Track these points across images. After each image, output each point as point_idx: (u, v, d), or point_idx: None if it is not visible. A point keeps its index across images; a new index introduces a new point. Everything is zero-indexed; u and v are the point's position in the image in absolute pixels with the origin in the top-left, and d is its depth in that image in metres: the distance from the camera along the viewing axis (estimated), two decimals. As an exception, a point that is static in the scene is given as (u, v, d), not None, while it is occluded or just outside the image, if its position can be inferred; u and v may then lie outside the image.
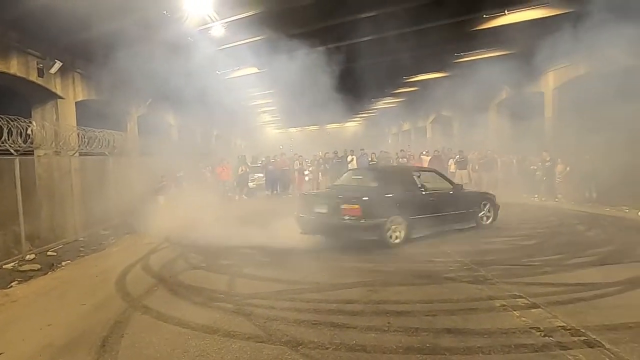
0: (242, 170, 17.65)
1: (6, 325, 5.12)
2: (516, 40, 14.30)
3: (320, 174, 18.72)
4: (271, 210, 14.19)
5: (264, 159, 19.57)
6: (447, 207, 8.87)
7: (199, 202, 15.95)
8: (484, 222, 9.53)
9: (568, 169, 13.99)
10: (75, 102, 12.97)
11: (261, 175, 18.76)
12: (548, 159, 14.30)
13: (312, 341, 4.14)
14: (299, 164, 18.90)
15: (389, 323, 4.48)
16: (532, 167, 15.16)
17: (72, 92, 12.78)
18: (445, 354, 3.79)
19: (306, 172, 19.22)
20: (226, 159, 18.19)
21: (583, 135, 14.21)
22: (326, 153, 19.44)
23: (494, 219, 9.67)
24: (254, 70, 17.21)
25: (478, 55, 16.78)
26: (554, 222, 10.20)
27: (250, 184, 19.25)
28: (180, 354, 4.06)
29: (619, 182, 12.25)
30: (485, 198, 9.91)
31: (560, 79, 16.55)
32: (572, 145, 14.72)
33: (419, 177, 9.06)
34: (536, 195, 14.32)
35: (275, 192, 18.34)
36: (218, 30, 12.58)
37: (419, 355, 3.78)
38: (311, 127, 42.44)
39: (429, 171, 10.18)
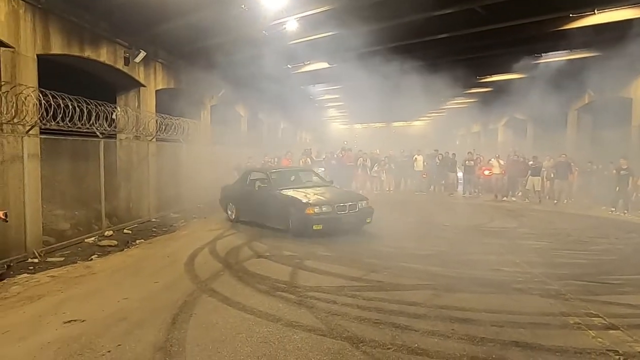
0: (303, 162, 17.83)
1: (88, 295, 5.52)
2: (604, 41, 13.39)
3: (384, 172, 18.55)
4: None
5: (328, 153, 19.66)
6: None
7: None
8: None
9: None
10: (155, 91, 13.66)
11: (322, 169, 18.89)
12: (625, 167, 13.23)
13: (374, 340, 4.12)
14: (363, 160, 18.80)
15: (452, 330, 4.37)
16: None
17: (153, 81, 13.46)
18: (512, 368, 3.64)
19: (375, 169, 18.99)
20: (291, 152, 18.47)
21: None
22: (390, 151, 19.21)
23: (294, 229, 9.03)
24: (324, 65, 17.30)
25: (561, 56, 15.86)
26: (635, 239, 9.45)
27: (315, 178, 19.43)
28: (244, 338, 4.19)
29: None
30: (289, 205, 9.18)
31: (654, 85, 15.30)
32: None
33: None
34: (613, 209, 13.33)
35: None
36: (292, 24, 12.75)
37: (484, 366, 3.66)
38: (377, 124, 42.18)
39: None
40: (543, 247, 8.28)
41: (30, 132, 7.87)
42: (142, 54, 12.01)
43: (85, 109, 8.59)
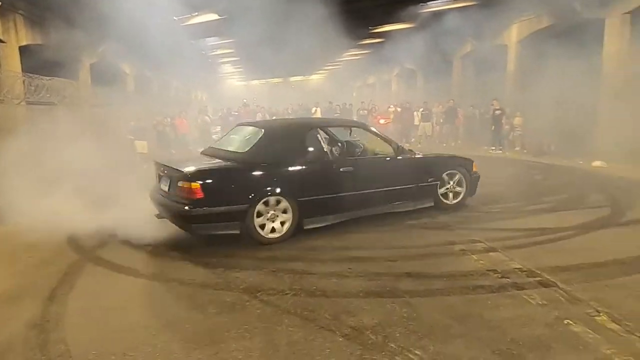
0: (200, 121, 17.11)
1: (-55, 278, 4.81)
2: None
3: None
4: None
5: (224, 110, 19.01)
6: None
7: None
8: (448, 201, 6.73)
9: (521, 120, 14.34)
10: (19, 47, 12.03)
11: (219, 128, 18.30)
12: (497, 107, 14.55)
13: (272, 288, 4.06)
14: (262, 115, 18.49)
15: (350, 269, 4.46)
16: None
17: (14, 36, 11.81)
18: (405, 297, 3.79)
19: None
20: (185, 111, 17.57)
21: (543, 90, 14.45)
22: (289, 104, 19.09)
23: (467, 194, 6.91)
24: (214, 17, 16.36)
25: (444, 5, 16.50)
26: (513, 172, 10.41)
27: (214, 136, 18.77)
28: (135, 303, 3.91)
29: (574, 136, 12.65)
30: (452, 165, 6.83)
31: (524, 32, 16.56)
32: (533, 100, 14.96)
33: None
34: (493, 148, 14.59)
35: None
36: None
37: (378, 299, 3.77)
38: (275, 80, 41.56)
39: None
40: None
41: None
42: (-5, 3, 10.41)
43: None
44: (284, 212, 5.42)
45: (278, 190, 5.34)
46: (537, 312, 3.46)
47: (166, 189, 5.50)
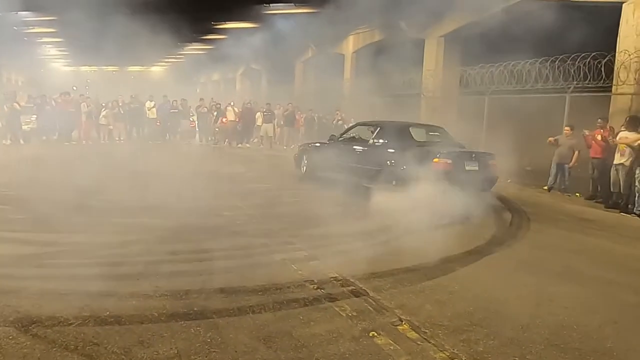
0: (8, 108, 14.57)
1: None
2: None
3: (113, 120, 16.70)
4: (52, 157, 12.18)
5: (39, 99, 16.49)
6: None
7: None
8: None
9: None
10: None
11: (34, 117, 15.85)
12: (339, 117, 15.31)
13: (53, 317, 3.34)
14: (87, 106, 16.48)
15: (157, 287, 3.95)
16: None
17: None
18: (213, 317, 3.44)
19: (103, 113, 16.79)
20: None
21: (374, 99, 15.52)
22: (120, 96, 17.36)
23: None
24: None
25: (286, 9, 16.67)
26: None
27: (25, 127, 16.11)
28: None
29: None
30: None
31: (359, 43, 17.63)
32: (365, 107, 15.96)
33: None
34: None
35: (54, 137, 15.77)
36: None
37: (182, 322, 3.35)
38: (110, 68, 37.91)
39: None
40: (265, 189, 8.66)
41: None
42: None
43: None
44: None
45: None
46: (345, 326, 3.42)
47: (476, 168, 7.59)
